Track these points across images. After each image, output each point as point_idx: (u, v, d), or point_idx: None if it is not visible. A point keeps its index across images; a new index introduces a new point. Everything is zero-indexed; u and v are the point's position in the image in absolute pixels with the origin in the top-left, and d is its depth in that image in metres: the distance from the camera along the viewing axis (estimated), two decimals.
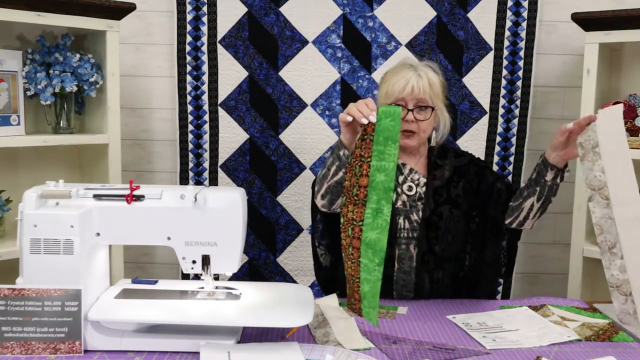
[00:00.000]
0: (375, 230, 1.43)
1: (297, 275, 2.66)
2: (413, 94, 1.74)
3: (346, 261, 1.50)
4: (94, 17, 2.16)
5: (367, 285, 1.45)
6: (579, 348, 1.46)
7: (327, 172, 1.69)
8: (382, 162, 1.43)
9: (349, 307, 1.55)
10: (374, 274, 1.44)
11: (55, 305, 1.35)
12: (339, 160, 1.64)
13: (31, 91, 2.16)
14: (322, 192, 1.74)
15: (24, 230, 1.37)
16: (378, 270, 1.43)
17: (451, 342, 1.48)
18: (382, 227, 1.42)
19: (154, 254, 2.73)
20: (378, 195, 1.43)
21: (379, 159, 1.43)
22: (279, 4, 2.54)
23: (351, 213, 1.45)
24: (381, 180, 1.43)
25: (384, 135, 1.43)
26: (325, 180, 1.71)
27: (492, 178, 1.86)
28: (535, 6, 2.56)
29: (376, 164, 1.43)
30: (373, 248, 1.43)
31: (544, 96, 2.65)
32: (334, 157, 1.66)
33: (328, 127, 2.60)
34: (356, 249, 1.45)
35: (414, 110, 1.75)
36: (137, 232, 1.45)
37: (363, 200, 1.44)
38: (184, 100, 2.58)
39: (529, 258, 2.75)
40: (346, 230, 1.47)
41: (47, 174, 2.29)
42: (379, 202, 1.43)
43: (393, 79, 1.77)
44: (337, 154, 1.65)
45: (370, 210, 1.43)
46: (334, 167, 1.66)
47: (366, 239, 1.43)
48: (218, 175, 2.62)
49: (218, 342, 1.37)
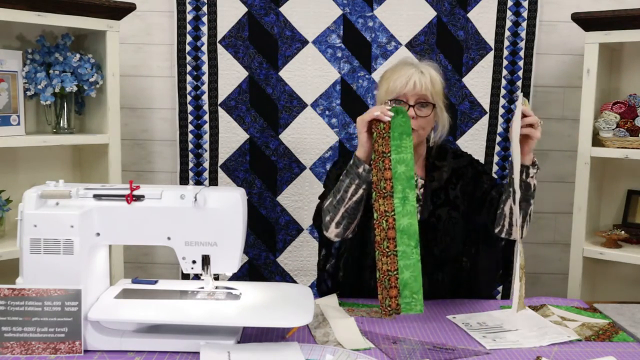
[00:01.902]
0: (407, 217, 1.57)
1: (297, 275, 2.66)
2: (415, 90, 1.74)
3: (380, 258, 1.57)
4: (94, 17, 2.16)
5: (407, 271, 1.55)
6: (579, 348, 1.46)
7: (343, 195, 1.70)
8: (401, 155, 1.60)
9: (382, 312, 1.57)
10: (412, 257, 1.56)
11: (55, 305, 1.35)
12: (358, 177, 1.67)
13: (31, 91, 2.16)
14: (338, 219, 1.74)
15: (24, 230, 1.37)
16: (416, 253, 1.56)
17: (451, 342, 1.48)
18: (411, 212, 1.57)
19: (154, 254, 2.73)
20: (402, 184, 1.58)
21: (397, 152, 1.60)
22: (279, 4, 2.54)
23: (383, 206, 1.58)
24: (402, 170, 1.59)
25: (398, 131, 1.61)
26: (342, 205, 1.71)
27: (487, 184, 1.84)
28: (535, 6, 2.56)
29: (396, 157, 1.60)
30: (407, 233, 1.56)
31: (544, 96, 2.65)
32: (351, 177, 1.68)
33: (328, 127, 2.60)
34: (392, 240, 1.56)
35: (415, 106, 1.75)
36: (137, 232, 1.45)
37: (390, 192, 1.59)
38: (184, 100, 2.58)
39: (529, 258, 2.74)
40: (381, 224, 1.58)
41: (47, 174, 2.28)
42: (404, 191, 1.58)
43: (394, 75, 1.76)
44: (355, 172, 1.67)
45: (398, 200, 1.58)
46: (352, 186, 1.68)
47: (400, 226, 1.56)
48: (218, 175, 2.62)
49: (218, 342, 1.37)
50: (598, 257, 2.30)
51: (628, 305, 1.76)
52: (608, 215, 2.51)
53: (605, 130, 2.28)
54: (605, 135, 2.28)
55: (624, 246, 2.32)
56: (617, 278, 2.47)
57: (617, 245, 2.31)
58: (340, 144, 2.61)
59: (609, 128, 2.27)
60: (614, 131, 2.27)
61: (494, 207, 1.77)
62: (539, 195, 2.66)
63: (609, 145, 2.27)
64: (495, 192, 1.81)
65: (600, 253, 2.28)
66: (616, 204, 2.49)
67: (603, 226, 2.50)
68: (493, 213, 1.77)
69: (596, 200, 2.46)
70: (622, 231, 2.34)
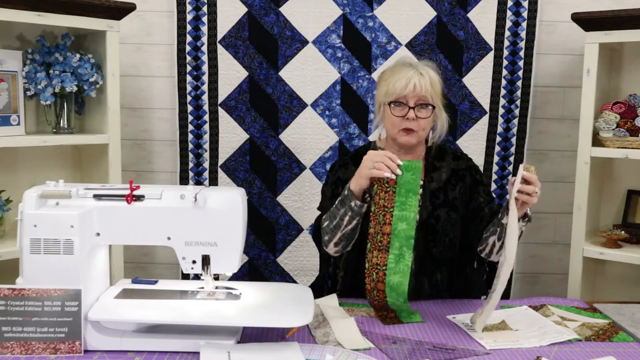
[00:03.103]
0: (398, 275, 1.55)
1: (297, 275, 2.66)
2: (415, 92, 1.74)
3: (371, 301, 1.62)
4: (94, 17, 2.15)
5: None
6: (579, 348, 1.46)
7: (339, 222, 1.70)
8: (404, 212, 1.55)
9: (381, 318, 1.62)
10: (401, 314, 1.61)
11: (55, 305, 1.35)
12: (351, 210, 1.66)
13: (31, 91, 2.16)
14: (336, 240, 1.74)
15: (24, 230, 1.37)
16: (406, 312, 1.60)
17: (451, 342, 1.48)
18: (403, 271, 1.55)
19: (154, 254, 2.73)
20: (400, 242, 1.55)
21: (400, 209, 1.55)
22: (279, 4, 2.54)
23: (375, 258, 1.57)
24: (403, 228, 1.55)
25: (405, 188, 1.55)
26: (339, 230, 1.71)
27: (483, 198, 1.84)
28: (535, 6, 2.56)
29: (398, 214, 1.55)
30: (396, 290, 1.56)
31: (544, 96, 2.65)
32: (345, 208, 1.68)
33: (328, 127, 2.60)
34: (381, 291, 1.57)
35: (415, 108, 1.75)
36: (137, 232, 1.45)
37: (386, 247, 1.56)
38: (184, 100, 2.58)
39: (529, 258, 2.75)
40: (371, 274, 1.58)
41: (47, 174, 2.29)
42: (401, 249, 1.55)
43: (394, 77, 1.76)
44: (348, 205, 1.66)
45: (393, 256, 1.56)
46: (347, 217, 1.68)
47: (390, 282, 1.56)
48: (218, 175, 2.62)
49: (218, 342, 1.37)
50: (598, 257, 2.30)
51: (628, 305, 1.76)
52: (608, 215, 2.51)
53: (605, 130, 2.28)
54: (605, 135, 2.28)
55: (624, 246, 2.32)
56: (617, 278, 2.47)
57: (617, 245, 2.30)
58: (340, 144, 2.61)
59: (609, 128, 2.27)
60: (614, 131, 2.27)
61: (483, 226, 1.77)
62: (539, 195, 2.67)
63: (609, 145, 2.27)
64: (488, 210, 1.80)
65: (600, 253, 2.28)
66: (616, 204, 2.49)
67: (603, 226, 2.50)
68: (480, 232, 1.77)
69: (596, 200, 2.46)
70: (622, 231, 2.34)
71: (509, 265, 1.48)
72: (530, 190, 1.53)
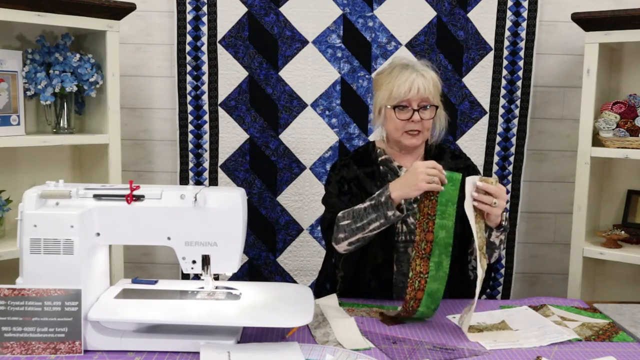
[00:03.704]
0: (437, 282, 1.58)
1: (297, 275, 2.66)
2: (419, 95, 1.75)
3: (402, 311, 1.61)
4: (94, 17, 2.15)
5: None
6: (579, 348, 1.46)
7: (365, 225, 1.68)
8: (444, 221, 1.58)
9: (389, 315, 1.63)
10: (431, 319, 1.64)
11: (55, 305, 1.35)
12: (384, 218, 1.65)
13: (31, 91, 2.16)
14: (352, 240, 1.73)
15: (24, 230, 1.37)
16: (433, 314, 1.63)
17: (451, 342, 1.48)
18: (442, 278, 1.58)
19: (154, 254, 2.73)
20: (440, 249, 1.58)
21: (441, 218, 1.59)
22: (279, 4, 2.54)
23: (419, 267, 1.59)
24: (443, 236, 1.58)
25: (446, 198, 1.59)
26: (361, 232, 1.70)
27: None
28: (535, 6, 2.56)
29: (439, 222, 1.58)
30: (433, 297, 1.58)
31: (544, 96, 2.65)
32: (378, 214, 1.66)
33: (328, 127, 2.60)
34: (418, 300, 1.58)
35: (419, 110, 1.76)
36: (137, 232, 1.45)
37: (428, 255, 1.59)
38: (184, 100, 2.58)
39: (529, 258, 2.75)
40: (413, 283, 1.59)
41: (47, 174, 2.28)
42: (440, 256, 1.58)
43: (396, 81, 1.77)
44: (384, 212, 1.65)
45: (433, 264, 1.58)
46: (376, 223, 1.67)
47: (429, 290, 1.58)
48: (218, 175, 2.62)
49: (218, 342, 1.37)
50: (598, 257, 2.30)
51: (628, 305, 1.76)
52: (608, 215, 2.51)
53: (605, 130, 2.28)
54: (605, 135, 2.28)
55: (624, 246, 2.32)
56: (617, 278, 2.47)
57: (617, 245, 2.31)
58: (340, 144, 2.61)
59: (609, 128, 2.27)
60: (614, 131, 2.27)
61: None
62: (539, 195, 2.67)
63: (609, 145, 2.27)
64: None
65: (600, 253, 2.28)
66: (616, 204, 2.49)
67: (603, 226, 2.50)
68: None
69: (596, 200, 2.46)
70: (622, 231, 2.34)
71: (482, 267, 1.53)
72: (488, 201, 1.56)
